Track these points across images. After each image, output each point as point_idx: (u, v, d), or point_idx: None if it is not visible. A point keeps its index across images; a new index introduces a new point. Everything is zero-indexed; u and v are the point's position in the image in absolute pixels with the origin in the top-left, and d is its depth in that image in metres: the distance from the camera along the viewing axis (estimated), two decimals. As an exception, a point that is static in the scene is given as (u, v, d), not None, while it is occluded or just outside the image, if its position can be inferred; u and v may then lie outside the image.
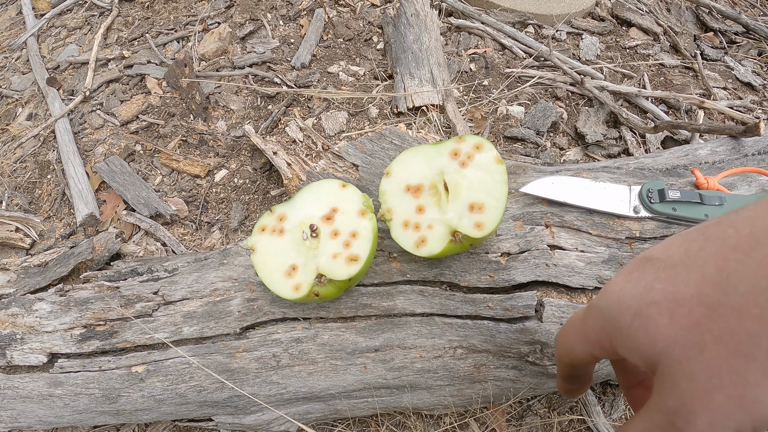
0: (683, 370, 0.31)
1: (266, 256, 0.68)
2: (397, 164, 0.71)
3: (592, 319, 0.38)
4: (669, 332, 0.31)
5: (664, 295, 0.32)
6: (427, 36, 1.32)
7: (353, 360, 0.72)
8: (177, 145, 1.23)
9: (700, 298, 0.30)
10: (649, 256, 0.35)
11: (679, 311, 0.31)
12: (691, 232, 0.33)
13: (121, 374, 0.75)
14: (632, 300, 0.34)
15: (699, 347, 0.30)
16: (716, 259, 0.30)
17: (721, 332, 0.29)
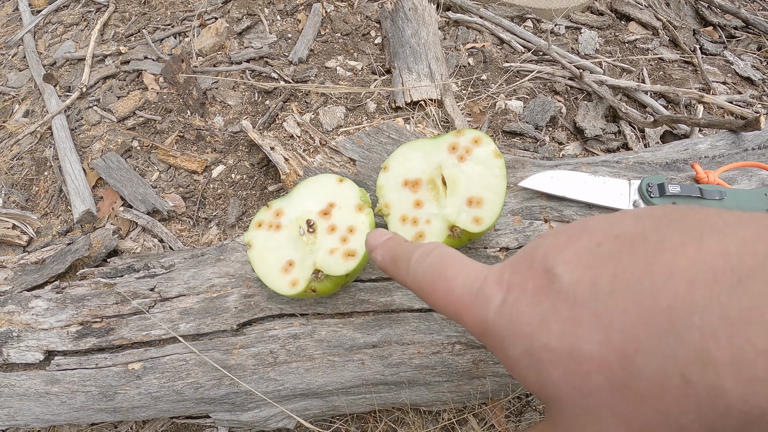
0: (577, 430, 0.29)
1: (263, 252, 0.68)
2: (395, 159, 0.70)
3: (469, 315, 0.34)
4: (562, 388, 0.29)
5: (559, 343, 0.28)
6: (425, 30, 1.32)
7: (351, 356, 0.72)
8: (174, 141, 1.22)
9: (601, 366, 0.27)
10: (548, 269, 0.30)
11: (574, 371, 0.28)
12: (597, 244, 0.29)
13: (117, 371, 0.75)
14: (524, 331, 0.30)
15: (595, 417, 0.28)
16: (625, 321, 0.26)
17: (620, 412, 0.27)
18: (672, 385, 0.24)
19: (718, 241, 0.25)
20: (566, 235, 0.31)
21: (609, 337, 0.26)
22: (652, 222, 0.28)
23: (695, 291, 0.24)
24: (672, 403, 0.24)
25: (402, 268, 0.41)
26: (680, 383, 0.24)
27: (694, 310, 0.24)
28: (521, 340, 0.30)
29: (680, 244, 0.26)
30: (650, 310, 0.25)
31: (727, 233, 0.25)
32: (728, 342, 0.22)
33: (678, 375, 0.24)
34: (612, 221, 0.30)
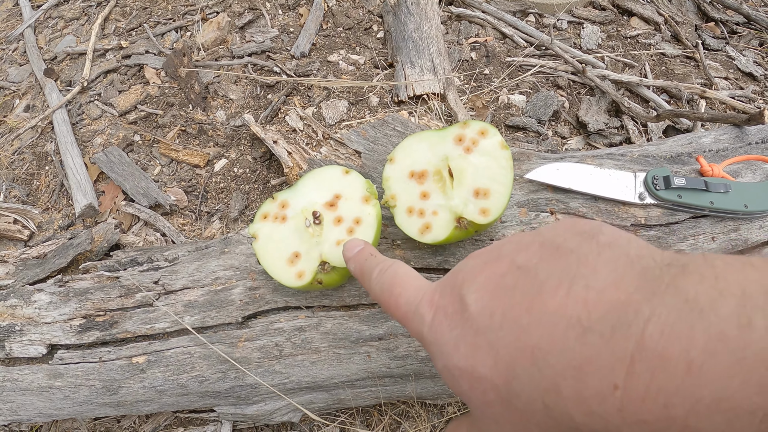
0: (485, 427, 0.36)
1: (268, 244, 0.67)
2: (401, 150, 0.70)
3: (410, 327, 0.41)
4: (470, 397, 0.35)
5: (465, 364, 0.34)
6: (427, 25, 1.31)
7: (357, 349, 0.71)
8: (176, 135, 1.22)
9: (493, 386, 0.32)
10: (461, 297, 0.36)
11: (476, 387, 0.33)
12: (500, 275, 0.34)
13: (121, 365, 0.74)
14: (444, 350, 0.36)
15: (494, 420, 0.34)
16: (507, 352, 0.31)
17: (511, 420, 0.33)
18: (538, 408, 0.30)
19: (582, 289, 0.29)
20: (482, 261, 0.37)
21: (497, 363, 0.32)
22: (548, 253, 0.33)
23: (554, 335, 0.29)
24: (541, 420, 0.31)
25: (366, 281, 0.49)
26: (543, 407, 0.30)
27: (551, 352, 0.29)
28: (441, 357, 0.36)
29: (557, 286, 0.31)
30: (524, 346, 0.30)
31: (592, 281, 0.29)
32: (572, 383, 0.28)
33: (540, 401, 0.30)
34: (520, 247, 0.35)
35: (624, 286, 0.28)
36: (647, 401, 0.25)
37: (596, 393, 0.27)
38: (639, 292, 0.27)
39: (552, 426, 0.30)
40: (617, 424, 0.27)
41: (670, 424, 0.24)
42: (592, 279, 0.30)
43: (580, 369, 0.28)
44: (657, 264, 0.29)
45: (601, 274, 0.30)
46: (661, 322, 0.25)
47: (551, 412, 0.30)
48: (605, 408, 0.27)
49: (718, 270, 0.26)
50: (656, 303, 0.26)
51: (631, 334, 0.26)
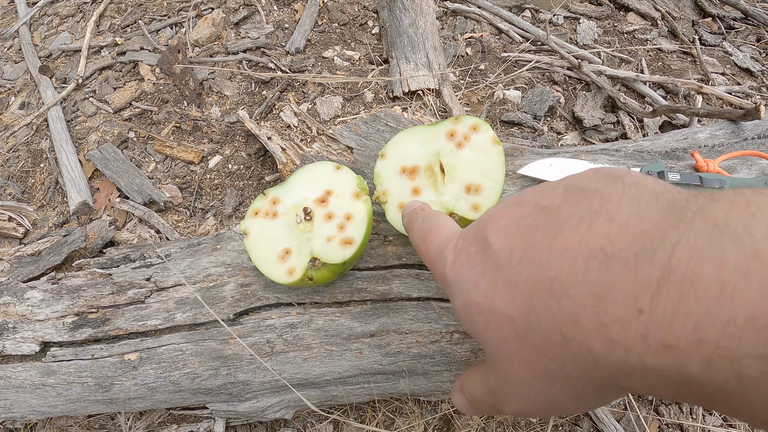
0: (499, 368, 0.36)
1: (259, 240, 0.67)
2: (393, 146, 0.69)
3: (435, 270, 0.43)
4: (485, 335, 0.35)
5: (483, 300, 0.34)
6: (422, 20, 1.31)
7: (349, 345, 0.71)
8: (171, 132, 1.21)
9: (509, 321, 0.33)
10: (484, 237, 0.37)
11: (493, 322, 0.34)
12: (524, 217, 0.35)
13: (113, 362, 0.74)
14: (463, 288, 0.37)
15: (508, 359, 0.34)
16: (526, 286, 0.32)
17: (525, 357, 0.33)
18: (555, 340, 0.30)
19: (605, 222, 0.29)
20: (506, 206, 0.37)
21: (515, 298, 0.32)
22: (572, 195, 0.33)
23: (574, 267, 0.29)
24: (557, 354, 0.30)
25: (410, 232, 0.51)
26: (560, 339, 0.30)
27: (571, 282, 0.29)
28: (461, 295, 0.37)
29: (578, 222, 0.31)
30: (543, 279, 0.31)
31: (615, 215, 0.29)
32: (592, 311, 0.28)
33: (558, 333, 0.30)
34: (545, 192, 0.35)
35: (648, 216, 0.28)
36: (675, 325, 0.24)
37: (617, 319, 0.26)
38: (665, 221, 0.27)
39: (568, 360, 0.30)
40: (639, 352, 0.26)
41: (699, 348, 0.24)
42: (615, 213, 0.29)
43: (602, 296, 0.27)
44: (683, 196, 0.28)
45: (625, 209, 0.29)
46: (690, 246, 0.25)
47: (568, 344, 0.29)
48: (627, 335, 0.26)
49: (748, 197, 0.26)
50: (684, 229, 0.26)
51: (657, 260, 0.26)
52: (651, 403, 0.90)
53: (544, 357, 0.31)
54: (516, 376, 0.35)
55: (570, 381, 0.31)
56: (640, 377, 0.27)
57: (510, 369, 0.35)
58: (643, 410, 0.88)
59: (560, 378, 0.32)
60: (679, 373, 0.25)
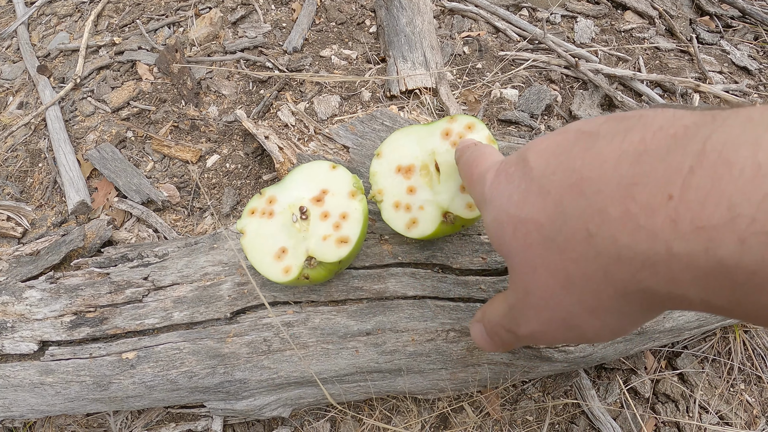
0: (521, 280, 0.37)
1: (256, 239, 0.68)
2: (388, 145, 0.70)
3: (475, 192, 0.45)
4: (511, 244, 0.36)
5: (515, 210, 0.36)
6: (420, 19, 1.31)
7: (345, 344, 0.71)
8: (168, 131, 1.22)
9: (537, 225, 0.34)
10: (524, 158, 0.38)
11: (520, 229, 0.35)
12: (565, 140, 0.36)
13: (111, 361, 0.75)
14: (497, 202, 0.39)
15: (532, 268, 0.35)
16: (558, 191, 0.33)
17: (548, 263, 0.34)
18: (580, 238, 0.31)
19: (639, 131, 0.30)
20: (551, 133, 0.38)
21: (545, 203, 0.33)
22: (612, 120, 0.34)
23: (605, 166, 0.30)
24: (581, 252, 0.31)
25: (459, 162, 0.54)
26: (586, 236, 0.30)
27: (601, 179, 0.30)
28: (494, 209, 0.39)
29: (614, 134, 0.31)
30: (574, 182, 0.32)
31: (650, 125, 0.30)
32: (621, 201, 0.28)
33: (584, 229, 0.30)
34: (588, 121, 0.36)
35: (683, 121, 0.28)
36: (707, 205, 0.24)
37: (646, 206, 0.27)
38: (698, 122, 0.27)
39: (591, 258, 0.30)
40: (667, 238, 0.26)
41: (733, 225, 0.23)
42: (650, 123, 0.30)
43: (631, 186, 0.28)
44: (716, 107, 0.29)
45: (659, 119, 0.30)
46: (724, 135, 0.25)
47: (594, 240, 0.30)
48: (655, 221, 0.26)
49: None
50: (718, 124, 0.26)
51: (689, 150, 0.26)
52: (648, 401, 0.90)
53: (568, 259, 0.32)
54: (537, 286, 0.35)
55: (590, 286, 0.32)
56: (666, 269, 0.27)
57: (532, 278, 0.35)
58: (639, 408, 0.89)
59: (580, 283, 0.32)
60: (710, 258, 0.24)
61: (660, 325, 0.74)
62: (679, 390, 0.91)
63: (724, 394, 0.92)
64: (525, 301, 0.37)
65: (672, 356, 0.95)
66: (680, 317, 0.76)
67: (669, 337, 0.80)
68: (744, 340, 0.95)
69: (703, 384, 0.92)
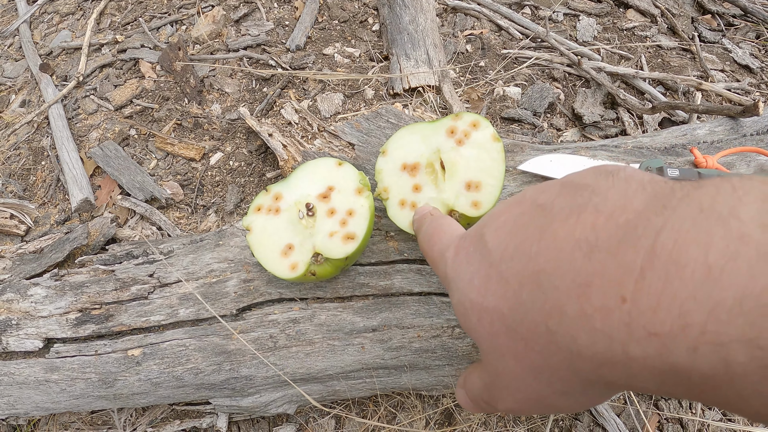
0: (491, 364, 0.37)
1: (262, 236, 0.68)
2: (393, 142, 0.70)
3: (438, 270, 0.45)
4: (478, 330, 0.36)
5: (477, 296, 0.35)
6: (423, 17, 1.31)
7: (351, 340, 0.72)
8: (172, 129, 1.22)
9: (499, 314, 0.33)
10: (482, 235, 0.37)
11: (484, 317, 0.34)
12: (521, 215, 0.35)
13: (117, 358, 0.75)
14: (460, 285, 0.38)
15: (500, 354, 0.35)
16: (516, 280, 0.32)
17: (514, 351, 0.33)
18: (542, 332, 0.30)
19: (591, 213, 0.29)
20: (506, 205, 0.38)
21: (505, 292, 0.33)
22: (566, 191, 0.33)
23: (560, 258, 0.29)
24: (544, 346, 0.30)
25: (418, 235, 0.54)
26: (546, 331, 0.30)
27: (556, 273, 0.29)
28: (457, 292, 0.38)
29: (567, 215, 0.31)
30: (531, 272, 0.31)
31: (602, 206, 0.29)
32: (576, 301, 0.28)
33: (544, 324, 0.30)
34: (543, 189, 0.35)
35: (633, 206, 0.28)
36: (659, 311, 0.24)
37: (601, 308, 0.26)
38: (649, 208, 0.27)
39: (554, 352, 0.30)
40: (623, 341, 0.26)
41: (684, 333, 0.23)
42: (602, 205, 0.29)
43: (585, 285, 0.27)
44: (669, 185, 0.28)
45: (612, 200, 0.29)
46: (675, 231, 0.25)
47: (554, 336, 0.29)
48: (611, 323, 0.26)
49: (734, 182, 0.25)
50: (668, 214, 0.26)
51: (640, 246, 0.26)
52: (651, 398, 0.90)
53: (532, 350, 0.32)
54: (507, 371, 0.35)
55: (556, 375, 0.32)
56: (624, 368, 0.27)
57: (501, 364, 0.35)
58: (642, 405, 0.89)
59: (547, 372, 0.32)
60: (664, 362, 0.24)
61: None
62: (682, 387, 0.91)
63: (727, 391, 0.92)
64: (497, 383, 0.37)
65: (675, 353, 0.95)
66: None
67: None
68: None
69: (706, 381, 0.92)
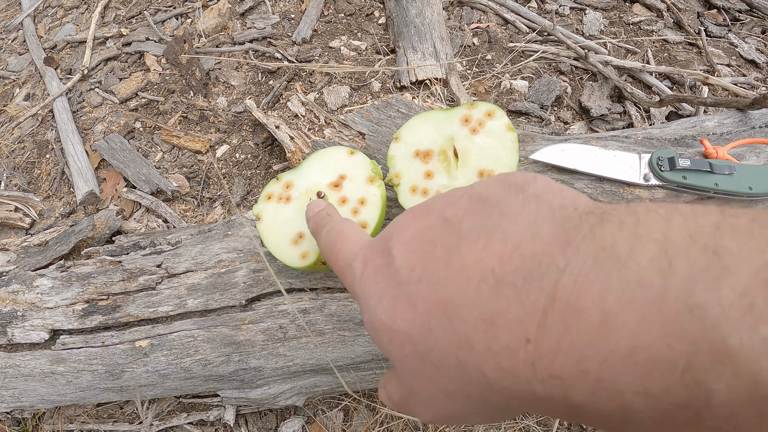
0: (405, 382, 0.36)
1: (272, 225, 0.67)
2: (407, 129, 0.69)
3: (345, 281, 0.42)
4: (390, 351, 0.34)
5: (385, 317, 0.33)
6: (429, 10, 1.31)
7: (361, 331, 0.71)
8: (177, 122, 1.21)
9: (409, 339, 0.32)
10: (389, 249, 0.35)
11: (395, 340, 0.33)
12: (428, 230, 0.34)
13: (124, 349, 0.74)
14: (369, 303, 0.36)
15: (413, 374, 0.33)
16: (424, 306, 0.31)
17: (426, 374, 0.32)
18: (451, 362, 0.29)
19: (500, 241, 0.28)
20: (412, 215, 0.36)
21: (414, 317, 0.31)
22: (474, 206, 0.32)
23: (468, 288, 0.28)
24: (455, 375, 0.30)
25: (318, 240, 0.50)
26: (456, 362, 0.29)
27: (464, 305, 0.28)
28: (367, 311, 0.36)
29: (476, 239, 0.30)
30: (439, 299, 0.30)
31: (510, 233, 0.28)
32: (483, 336, 0.27)
33: (454, 356, 0.29)
34: (450, 201, 0.34)
35: (541, 237, 0.27)
36: (559, 355, 0.24)
37: (507, 347, 0.26)
38: (556, 243, 0.26)
39: (465, 381, 0.30)
40: (528, 380, 0.25)
41: (583, 379, 0.23)
42: (511, 232, 0.29)
43: (491, 322, 0.27)
44: (577, 213, 0.28)
45: (520, 227, 0.29)
46: (576, 272, 0.24)
47: (464, 367, 0.29)
48: (516, 363, 0.26)
49: (639, 216, 0.25)
50: (571, 253, 0.25)
51: (544, 285, 0.25)
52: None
53: (443, 377, 0.31)
54: (421, 391, 0.35)
55: (469, 399, 0.31)
56: (532, 403, 0.27)
57: (414, 383, 0.34)
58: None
59: (460, 396, 0.31)
60: (567, 402, 0.25)
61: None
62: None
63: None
64: (413, 399, 0.37)
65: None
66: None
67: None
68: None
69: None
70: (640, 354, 0.21)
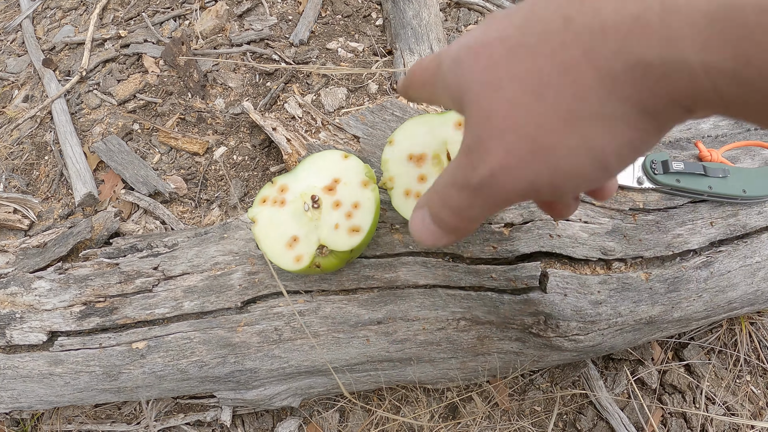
0: (482, 108, 0.32)
1: (267, 228, 0.68)
2: (401, 133, 0.70)
3: (431, 69, 0.39)
4: (472, 71, 0.32)
5: (476, 40, 0.32)
6: (426, 12, 1.31)
7: (356, 333, 0.72)
8: (175, 123, 1.22)
9: (503, 39, 0.30)
10: (494, 13, 0.35)
11: (483, 52, 0.31)
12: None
13: (121, 351, 0.75)
14: (454, 47, 0.34)
15: (495, 86, 0.30)
16: (526, 6, 0.30)
17: (516, 71, 0.29)
18: (556, 28, 0.28)
19: None
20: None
21: (511, 20, 0.31)
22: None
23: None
24: (558, 42, 0.28)
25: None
26: (563, 23, 0.27)
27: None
28: (449, 56, 0.35)
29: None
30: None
31: None
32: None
33: (561, 18, 0.27)
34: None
35: None
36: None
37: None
38: None
39: (570, 42, 0.27)
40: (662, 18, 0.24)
41: None
42: None
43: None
44: None
45: None
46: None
47: (572, 24, 0.27)
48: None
49: None
50: None
51: None
52: (655, 393, 0.91)
53: (541, 55, 0.28)
54: (502, 102, 0.30)
55: (567, 78, 0.28)
56: (659, 25, 0.24)
57: (495, 97, 0.31)
58: (647, 399, 0.89)
59: (556, 79, 0.28)
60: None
61: (668, 315, 0.75)
62: (685, 381, 0.91)
63: (730, 386, 0.92)
64: (486, 129, 0.31)
65: (679, 347, 0.96)
66: (688, 307, 0.76)
67: (677, 327, 0.80)
68: (750, 332, 0.95)
69: (709, 375, 0.92)
70: None
